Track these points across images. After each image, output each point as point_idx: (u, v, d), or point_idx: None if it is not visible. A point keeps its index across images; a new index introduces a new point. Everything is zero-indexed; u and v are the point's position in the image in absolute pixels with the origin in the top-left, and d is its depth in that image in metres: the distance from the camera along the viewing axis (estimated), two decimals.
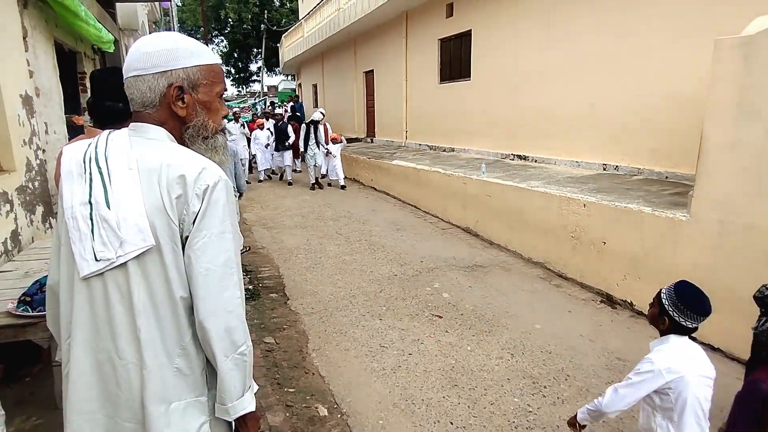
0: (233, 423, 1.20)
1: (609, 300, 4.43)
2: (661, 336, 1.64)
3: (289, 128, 11.09)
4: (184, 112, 1.16)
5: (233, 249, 1.12)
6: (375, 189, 10.23)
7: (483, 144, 8.89)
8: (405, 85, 11.65)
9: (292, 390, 3.05)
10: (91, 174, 1.07)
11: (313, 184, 10.10)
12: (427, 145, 10.91)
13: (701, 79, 4.23)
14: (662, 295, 1.61)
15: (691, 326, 1.54)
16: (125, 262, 1.05)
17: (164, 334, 1.08)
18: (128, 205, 1.04)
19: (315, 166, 10.01)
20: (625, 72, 5.84)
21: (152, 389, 1.07)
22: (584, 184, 5.38)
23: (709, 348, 3.52)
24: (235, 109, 13.05)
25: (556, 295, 4.59)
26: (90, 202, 1.06)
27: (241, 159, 10.47)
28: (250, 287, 4.64)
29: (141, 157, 1.08)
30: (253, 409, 1.17)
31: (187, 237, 1.07)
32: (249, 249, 5.87)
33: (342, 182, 10.18)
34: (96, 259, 1.05)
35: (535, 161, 7.49)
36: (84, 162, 1.09)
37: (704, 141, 3.55)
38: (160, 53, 1.11)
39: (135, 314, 1.06)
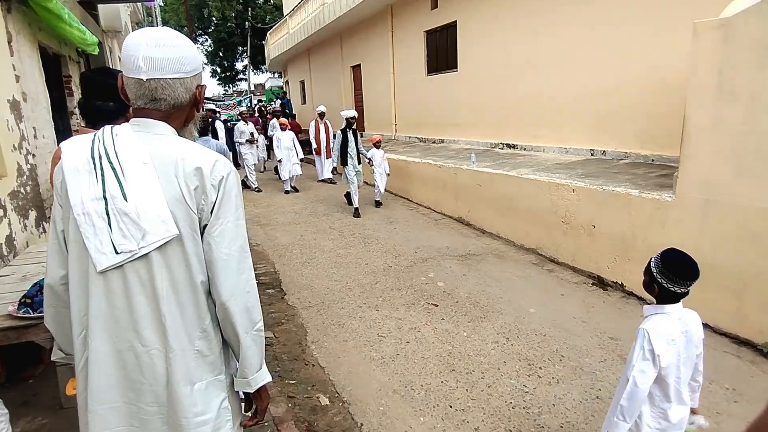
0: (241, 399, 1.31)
1: (600, 282, 4.53)
2: (657, 303, 1.70)
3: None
4: (200, 108, 1.27)
5: (246, 234, 1.21)
6: (366, 183, 10.26)
7: (472, 134, 8.95)
8: (392, 78, 11.66)
9: (293, 381, 3.10)
10: (102, 170, 1.10)
11: (357, 209, 7.57)
12: (417, 138, 10.95)
13: (683, 63, 4.30)
14: (651, 263, 1.68)
15: (679, 291, 1.61)
16: (148, 253, 1.09)
17: (185, 319, 1.15)
18: (148, 197, 1.09)
19: (357, 185, 7.59)
20: (609, 58, 5.91)
21: (178, 372, 1.14)
22: (573, 170, 5.47)
23: None
24: (242, 109, 12.07)
25: (549, 280, 4.67)
26: (105, 197, 1.09)
27: (254, 163, 10.06)
28: None
29: (154, 152, 1.12)
30: (269, 380, 1.28)
31: (205, 225, 1.14)
32: None
33: (379, 197, 8.11)
34: (116, 252, 1.09)
35: (524, 149, 7.57)
36: (93, 159, 1.11)
37: (686, 123, 3.64)
38: (194, 57, 1.18)
39: (159, 302, 1.11)
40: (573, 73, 6.48)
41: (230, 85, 38.54)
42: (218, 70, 36.75)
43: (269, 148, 11.79)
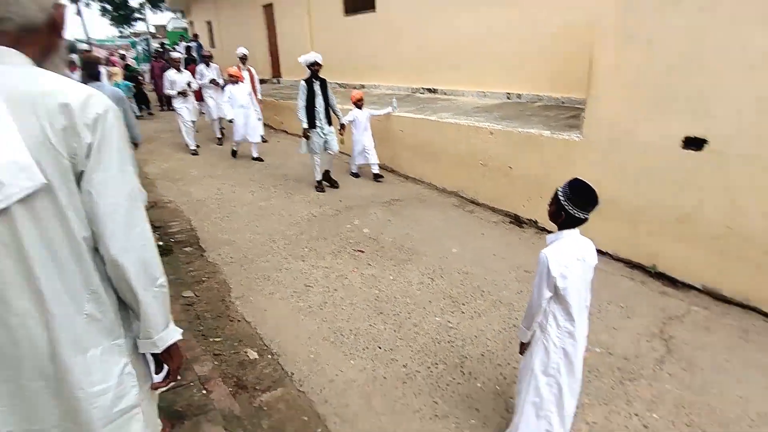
0: (150, 363, 1.21)
1: (517, 220, 4.79)
2: (558, 230, 1.80)
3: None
4: (63, 33, 1.06)
5: (135, 182, 1.07)
6: (287, 132, 9.85)
7: (392, 79, 8.81)
8: (308, 19, 10.99)
9: (219, 339, 3.00)
10: None
11: (319, 181, 5.96)
12: (337, 83, 10.56)
13: (593, 6, 4.43)
14: (558, 192, 1.77)
15: (582, 217, 1.71)
16: (7, 208, 0.91)
17: (68, 281, 1.00)
18: (1, 143, 0.89)
19: (328, 152, 5.89)
20: (524, 1, 5.96)
21: (64, 340, 1.01)
22: (490, 113, 5.59)
23: (598, 252, 3.97)
24: (175, 54, 8.70)
25: (470, 221, 4.86)
26: None
27: (192, 120, 8.10)
28: (161, 243, 4.36)
29: (5, 86, 0.92)
30: (179, 338, 1.19)
31: (81, 172, 0.98)
32: (155, 204, 5.46)
33: (376, 168, 6.32)
34: None
35: (444, 93, 7.60)
36: None
37: (593, 65, 3.80)
38: None
39: (30, 264, 0.95)
40: (490, 16, 6.48)
41: (125, 26, 34.36)
42: (109, 8, 32.44)
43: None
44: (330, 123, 5.81)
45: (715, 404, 2.37)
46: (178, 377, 1.27)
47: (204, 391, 2.53)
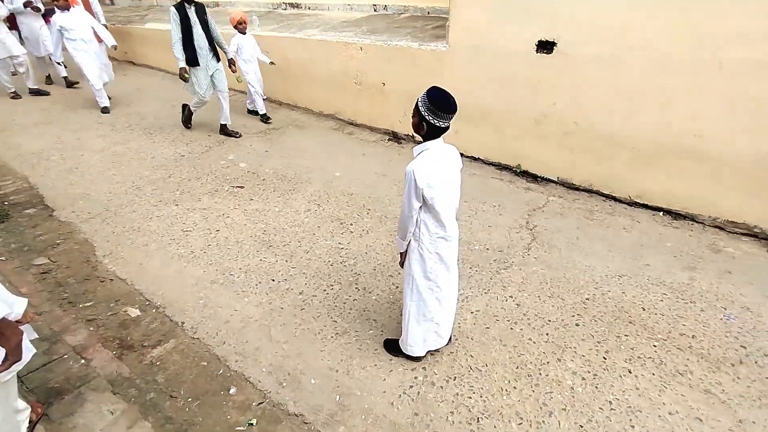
0: None
1: (395, 137, 4.86)
2: (423, 141, 1.82)
3: None
4: None
5: None
6: (134, 63, 8.58)
7: None
8: None
9: (89, 304, 2.69)
10: None
11: (185, 105, 5.31)
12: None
13: None
14: (419, 103, 1.77)
15: (443, 125, 1.74)
16: None
17: None
18: None
19: (220, 91, 4.91)
20: None
21: None
22: (359, 27, 5.37)
23: (471, 159, 4.25)
24: None
25: (350, 142, 4.81)
26: None
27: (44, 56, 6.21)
28: None
29: None
30: (8, 312, 1.03)
31: None
32: None
33: (262, 109, 5.51)
34: None
35: (309, 8, 7.09)
36: None
37: None
38: None
39: None
40: None
41: None
42: None
43: None
44: (218, 58, 4.79)
45: (569, 276, 2.78)
46: (22, 356, 1.07)
47: (83, 361, 2.30)
